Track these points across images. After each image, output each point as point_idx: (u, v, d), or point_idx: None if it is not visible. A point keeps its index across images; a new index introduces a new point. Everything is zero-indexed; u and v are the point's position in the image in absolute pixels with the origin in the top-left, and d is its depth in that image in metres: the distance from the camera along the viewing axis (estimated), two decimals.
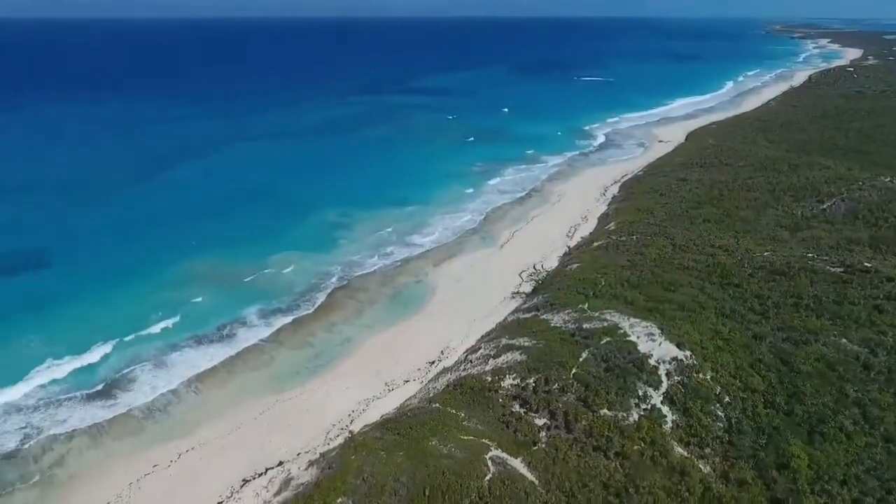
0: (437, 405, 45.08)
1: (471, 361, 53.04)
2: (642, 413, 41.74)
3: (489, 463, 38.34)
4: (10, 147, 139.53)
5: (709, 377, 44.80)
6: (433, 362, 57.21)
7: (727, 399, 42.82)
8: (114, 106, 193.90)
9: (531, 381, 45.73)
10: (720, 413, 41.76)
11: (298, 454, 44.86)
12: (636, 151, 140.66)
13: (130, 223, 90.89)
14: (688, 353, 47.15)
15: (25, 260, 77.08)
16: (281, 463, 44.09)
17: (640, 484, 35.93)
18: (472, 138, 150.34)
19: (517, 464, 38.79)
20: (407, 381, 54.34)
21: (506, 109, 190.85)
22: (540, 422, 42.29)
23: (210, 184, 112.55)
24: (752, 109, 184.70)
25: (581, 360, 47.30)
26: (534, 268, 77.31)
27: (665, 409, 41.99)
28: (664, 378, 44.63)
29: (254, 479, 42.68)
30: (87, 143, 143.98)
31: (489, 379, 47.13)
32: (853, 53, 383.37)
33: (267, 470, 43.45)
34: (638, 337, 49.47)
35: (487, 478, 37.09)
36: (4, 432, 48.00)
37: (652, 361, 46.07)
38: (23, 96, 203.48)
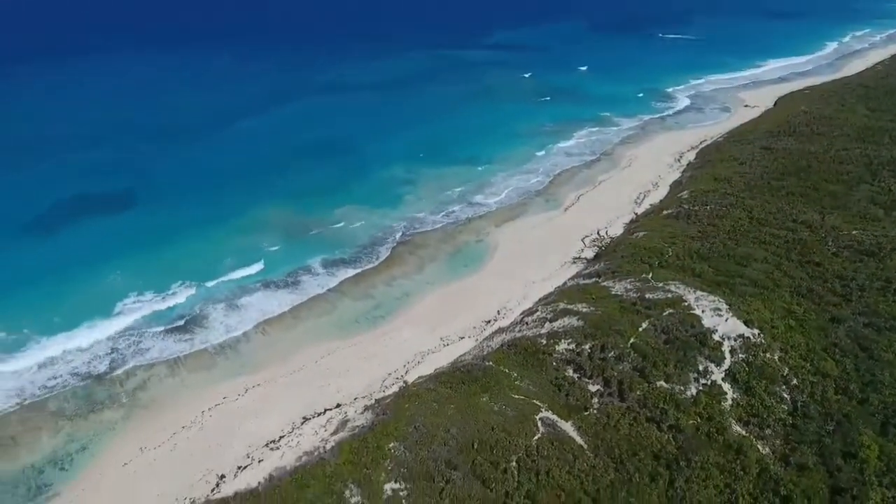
0: (491, 363, 45.67)
1: (527, 323, 53.09)
2: (701, 388, 40.66)
3: (539, 423, 38.77)
4: (98, 97, 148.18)
5: (776, 357, 42.83)
6: (489, 321, 57.70)
7: (795, 382, 40.90)
8: (189, 58, 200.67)
9: (587, 347, 45.35)
10: (785, 395, 40.02)
11: (355, 399, 47.01)
12: (718, 116, 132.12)
13: (207, 171, 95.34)
14: (756, 331, 45.10)
15: (112, 202, 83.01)
16: (339, 405, 46.40)
17: (692, 458, 35.36)
18: (547, 97, 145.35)
19: (567, 427, 39.01)
20: (462, 338, 55.21)
21: (584, 68, 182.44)
22: (593, 388, 42.11)
23: (282, 135, 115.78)
24: (855, 74, 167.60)
25: (640, 329, 46.32)
26: (597, 233, 75.47)
27: (726, 386, 40.70)
28: (727, 354, 43.06)
29: (313, 417, 45.23)
30: (167, 95, 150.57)
31: (544, 342, 47.10)
32: None
33: (326, 410, 45.89)
34: (703, 311, 47.70)
35: (536, 437, 37.60)
36: (95, 357, 53.02)
37: (716, 337, 44.47)
38: (107, 50, 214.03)
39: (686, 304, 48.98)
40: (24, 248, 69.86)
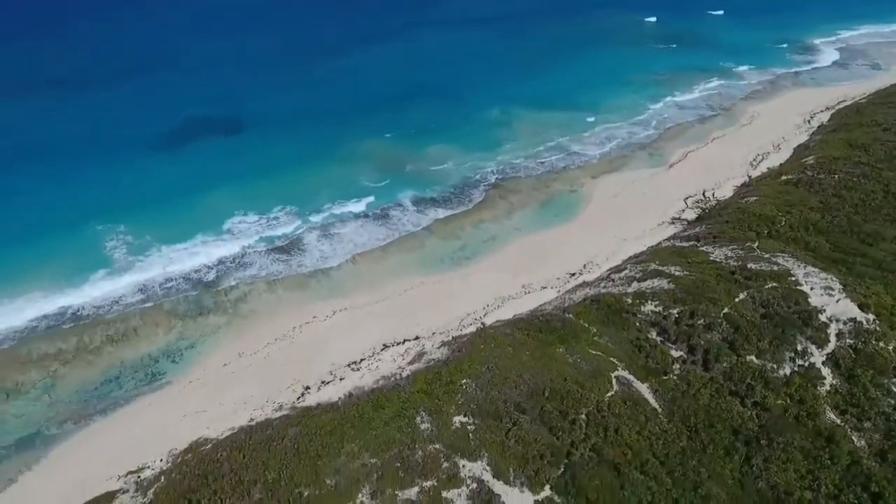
0: (571, 316, 45.15)
1: (613, 280, 51.58)
2: (796, 369, 37.95)
3: (613, 381, 38.24)
4: (214, 30, 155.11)
5: (891, 348, 38.83)
6: (573, 274, 56.65)
7: None
8: None
9: (675, 311, 43.47)
10: (894, 389, 36.45)
11: (433, 333, 48.58)
12: (866, 74, 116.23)
13: (313, 104, 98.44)
14: (871, 316, 40.88)
15: (224, 127, 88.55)
16: (417, 337, 48.21)
17: (775, 438, 33.56)
18: (672, 45, 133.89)
19: (643, 388, 38.19)
20: (544, 288, 54.78)
21: (718, 12, 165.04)
22: (676, 353, 40.61)
23: (387, 72, 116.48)
24: None
25: (737, 300, 43.52)
26: (702, 194, 70.56)
27: (825, 371, 37.69)
28: (833, 338, 39.58)
29: (392, 346, 47.44)
30: (278, 28, 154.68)
31: (629, 301, 45.67)
32: None
33: (405, 341, 47.91)
34: (812, 288, 43.80)
35: (609, 394, 37.21)
36: (205, 268, 58.22)
37: (823, 318, 40.86)
38: None
39: (793, 278, 45.17)
40: (148, 165, 77.06)
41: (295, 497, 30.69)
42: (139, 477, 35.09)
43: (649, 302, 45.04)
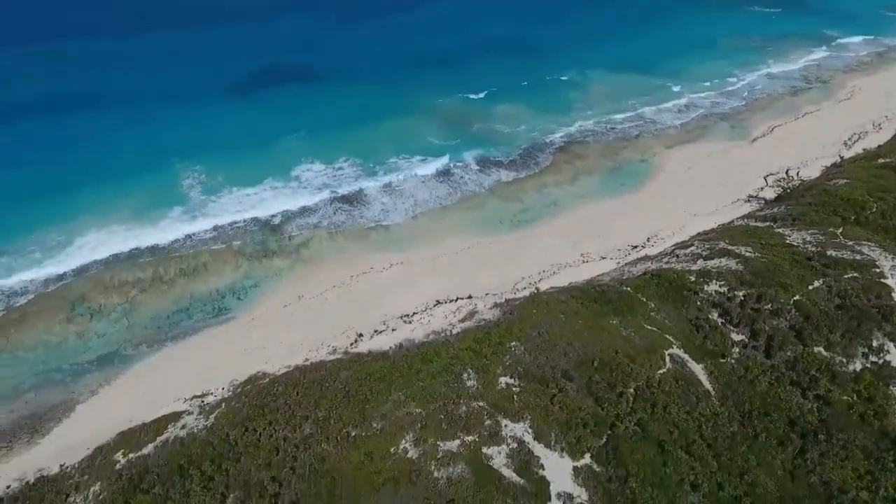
0: (629, 289, 44.03)
1: (677, 256, 49.69)
2: (868, 365, 35.69)
3: (667, 358, 37.32)
4: None
5: None
6: (636, 247, 54.96)
7: None
8: None
9: (740, 293, 41.52)
10: None
11: (486, 294, 48.76)
12: None
13: (384, 56, 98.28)
14: None
15: (296, 75, 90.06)
16: (470, 297, 48.55)
17: (834, 434, 32.00)
18: (777, 9, 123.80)
19: (697, 369, 37.10)
20: (603, 258, 53.54)
21: None
22: (737, 337, 39.01)
23: (463, 26, 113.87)
24: None
25: (810, 288, 41.01)
26: (785, 173, 66.02)
27: None
28: None
29: (445, 302, 48.05)
30: None
31: (692, 279, 43.96)
32: None
33: (458, 298, 48.38)
34: None
35: (661, 371, 36.41)
36: (271, 212, 60.30)
37: None
38: None
39: (877, 270, 41.98)
40: (225, 109, 79.90)
41: (343, 436, 32.22)
42: (203, 402, 37.77)
43: (714, 281, 43.19)
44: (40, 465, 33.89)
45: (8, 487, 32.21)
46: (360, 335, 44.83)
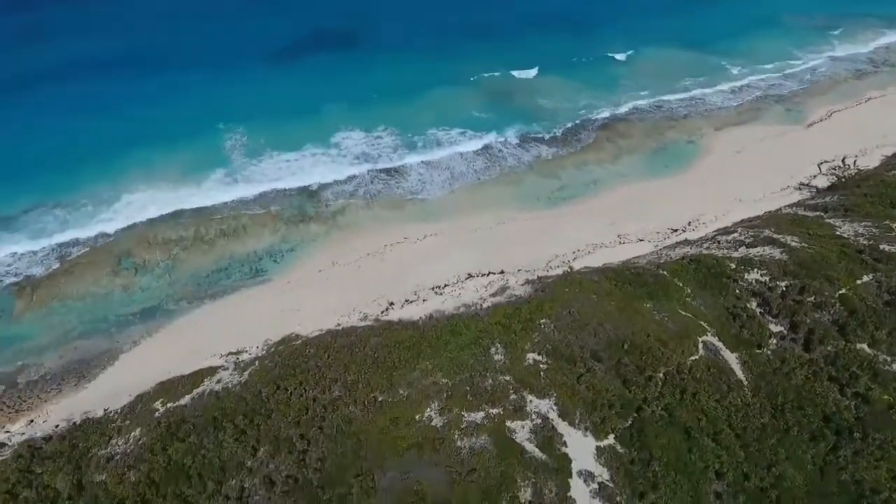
0: (665, 273, 43.11)
1: (718, 242, 48.26)
2: None
3: (700, 345, 36.62)
4: None
5: None
6: (676, 230, 53.59)
7: None
8: None
9: (782, 284, 40.18)
10: None
11: (519, 270, 48.50)
12: None
13: (429, 26, 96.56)
14: None
15: (340, 41, 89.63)
16: (502, 272, 48.39)
17: (871, 433, 31.04)
18: None
19: (731, 358, 36.31)
20: (641, 240, 52.44)
21: None
22: (775, 328, 37.90)
23: (504, 1, 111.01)
24: None
25: (858, 282, 39.37)
26: (841, 161, 62.84)
27: None
28: None
29: (477, 276, 48.05)
30: None
31: (733, 266, 42.71)
32: None
33: (490, 273, 48.31)
34: None
35: (693, 358, 35.78)
36: (311, 178, 60.95)
37: None
38: None
39: None
40: (268, 74, 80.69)
41: (370, 400, 32.97)
42: (238, 358, 39.11)
43: (755, 270, 41.88)
44: (86, 409, 35.87)
45: (57, 427, 34.28)
46: (392, 304, 45.37)
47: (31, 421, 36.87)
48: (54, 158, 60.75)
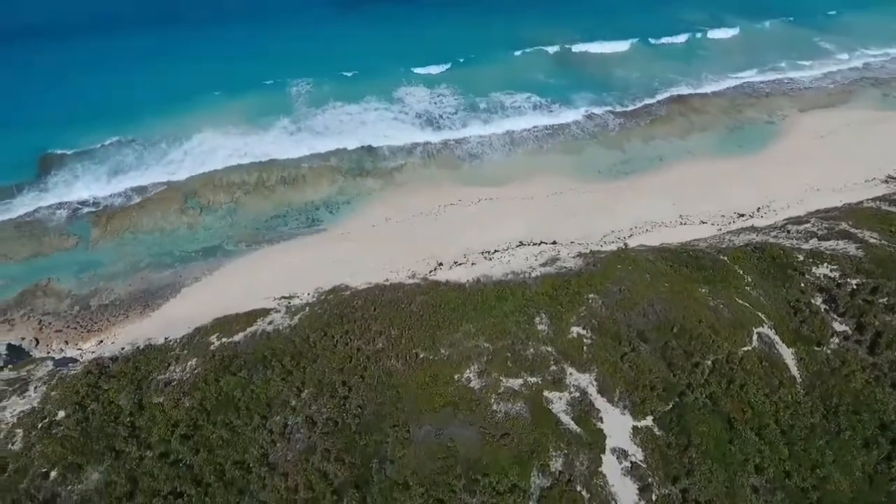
0: (726, 259, 41.37)
1: (788, 231, 45.71)
2: None
3: (754, 336, 35.24)
4: None
5: None
6: (742, 215, 51.05)
7: None
8: None
9: (854, 281, 37.86)
10: None
11: (571, 242, 47.68)
12: None
13: None
14: None
15: None
16: (555, 242, 47.72)
17: None
18: None
19: (786, 353, 34.83)
20: (703, 223, 50.30)
21: None
22: (839, 327, 35.96)
23: None
24: None
25: None
26: None
27: None
28: None
29: (528, 245, 47.58)
30: None
31: (800, 258, 40.49)
32: None
33: (541, 242, 47.74)
34: None
35: (745, 349, 34.54)
36: (371, 132, 61.16)
37: None
38: None
39: None
40: (333, 25, 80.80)
41: (412, 356, 33.71)
42: (289, 303, 40.63)
43: (825, 265, 39.57)
44: (149, 335, 38.36)
45: (122, 349, 36.88)
46: (440, 264, 45.70)
47: (101, 341, 39.88)
48: (136, 99, 63.38)
